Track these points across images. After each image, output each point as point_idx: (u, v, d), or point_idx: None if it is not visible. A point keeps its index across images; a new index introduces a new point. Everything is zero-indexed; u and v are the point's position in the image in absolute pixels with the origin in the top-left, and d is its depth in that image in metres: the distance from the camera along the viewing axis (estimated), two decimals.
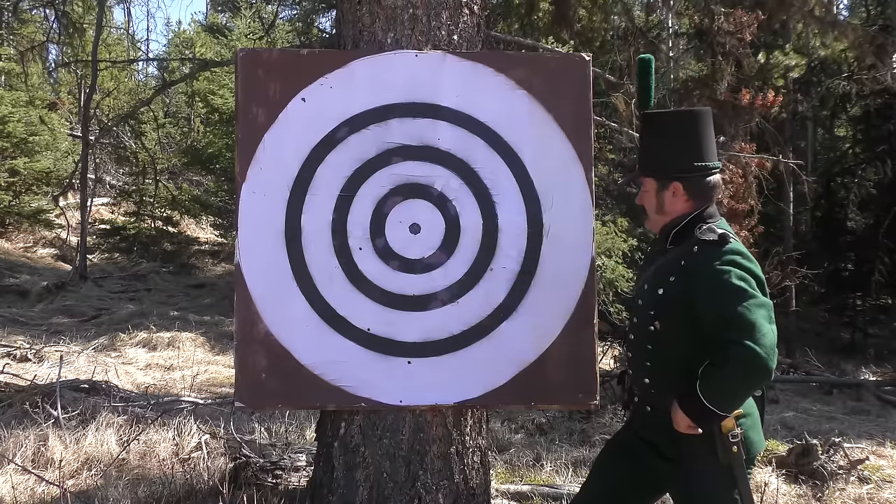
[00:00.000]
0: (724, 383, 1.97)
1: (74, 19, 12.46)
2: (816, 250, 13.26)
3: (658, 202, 2.18)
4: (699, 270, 2.04)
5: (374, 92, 2.76)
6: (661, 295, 2.12)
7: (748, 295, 1.96)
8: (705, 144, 2.15)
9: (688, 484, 2.13)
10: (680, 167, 2.14)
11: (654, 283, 2.16)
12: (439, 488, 2.83)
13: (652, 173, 2.19)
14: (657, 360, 2.15)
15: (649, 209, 2.22)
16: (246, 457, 3.66)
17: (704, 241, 2.07)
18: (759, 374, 1.92)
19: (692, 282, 2.05)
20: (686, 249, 2.11)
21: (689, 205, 2.15)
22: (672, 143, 2.15)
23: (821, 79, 12.87)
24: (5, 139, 12.86)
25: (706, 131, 2.16)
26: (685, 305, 2.06)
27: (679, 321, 2.09)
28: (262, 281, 2.72)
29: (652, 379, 2.17)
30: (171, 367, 6.91)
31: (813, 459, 4.19)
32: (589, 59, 2.88)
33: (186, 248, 14.60)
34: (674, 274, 2.10)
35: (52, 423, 4.28)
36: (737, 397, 1.99)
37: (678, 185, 2.14)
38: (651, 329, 2.14)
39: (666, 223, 2.19)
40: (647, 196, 2.21)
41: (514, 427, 5.35)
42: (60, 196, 11.83)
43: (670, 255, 2.16)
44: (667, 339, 2.12)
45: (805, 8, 8.40)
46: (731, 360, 1.93)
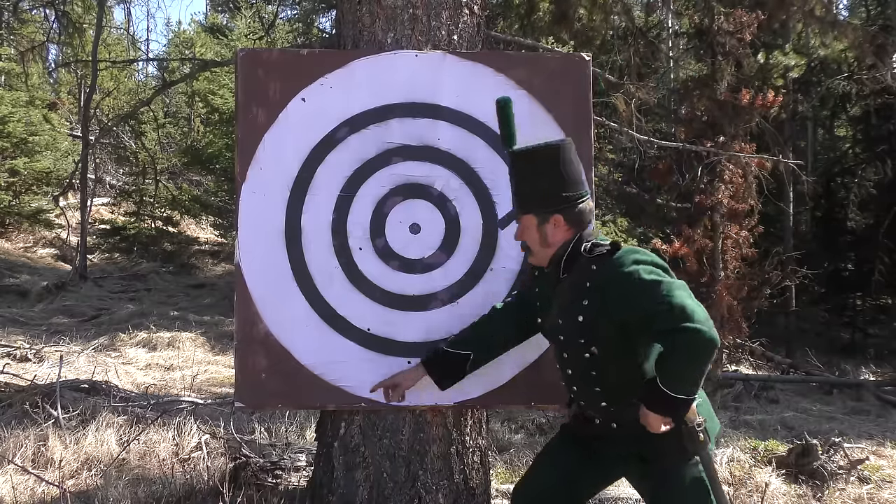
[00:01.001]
0: (682, 370, 2.01)
1: (74, 19, 12.47)
2: (816, 250, 13.26)
3: (541, 236, 2.22)
4: (608, 283, 2.09)
5: (374, 92, 2.76)
6: (582, 322, 2.15)
7: (663, 283, 2.02)
8: (575, 174, 2.21)
9: (662, 481, 2.17)
10: (556, 200, 2.19)
11: (569, 314, 2.18)
12: (439, 488, 2.83)
13: (531, 210, 2.22)
14: (606, 382, 2.18)
15: (532, 244, 2.25)
16: (246, 457, 3.66)
17: (599, 255, 2.13)
18: (708, 347, 1.97)
19: (606, 297, 2.10)
20: (584, 271, 2.16)
21: (570, 233, 2.21)
22: (544, 178, 2.20)
23: (821, 79, 12.88)
24: (5, 139, 12.85)
25: (573, 161, 2.22)
26: (610, 322, 2.10)
27: (612, 338, 2.13)
28: (262, 281, 2.72)
29: (608, 400, 2.20)
30: (171, 367, 6.91)
31: (813, 459, 4.19)
32: (589, 59, 2.88)
33: (186, 248, 14.60)
34: (585, 298, 2.14)
35: (52, 423, 4.28)
36: (697, 379, 2.04)
37: (558, 216, 2.19)
38: (588, 356, 2.17)
39: (552, 254, 2.23)
40: (528, 232, 2.25)
41: (514, 427, 5.35)
42: (60, 196, 11.82)
43: (570, 283, 2.19)
44: (607, 360, 2.16)
45: (805, 8, 8.40)
46: (679, 346, 1.98)
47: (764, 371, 9.62)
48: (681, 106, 10.27)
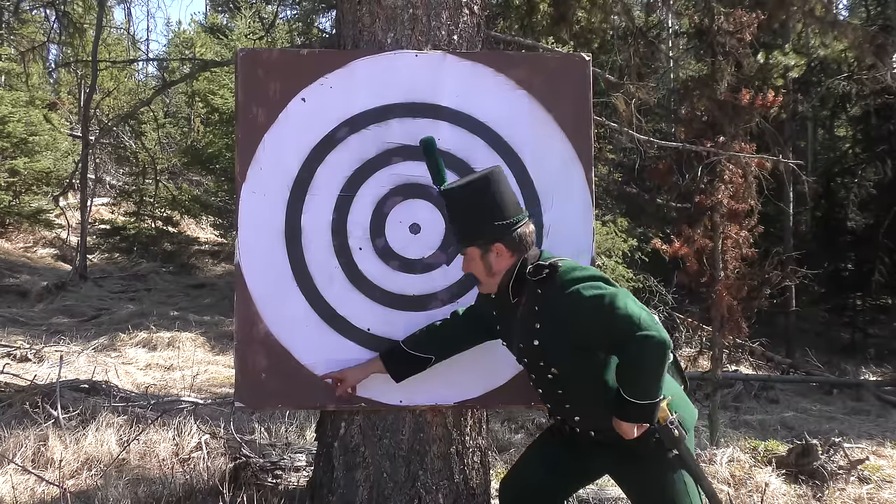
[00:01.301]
0: (640, 377, 2.08)
1: (74, 19, 12.47)
2: (816, 250, 13.26)
3: (485, 266, 2.26)
4: (553, 306, 2.15)
5: (374, 92, 2.76)
6: (538, 346, 2.20)
7: (605, 297, 2.08)
8: (506, 201, 2.24)
9: (644, 478, 2.23)
10: (494, 229, 2.22)
11: (526, 338, 2.23)
12: (439, 488, 2.83)
13: (472, 242, 2.25)
14: (574, 398, 2.25)
15: (479, 275, 2.29)
16: (246, 457, 3.66)
17: (541, 278, 2.17)
18: (660, 350, 2.03)
19: (554, 319, 2.15)
20: (531, 295, 2.20)
21: (513, 259, 2.25)
22: (479, 209, 2.22)
23: (821, 79, 12.88)
24: (5, 139, 12.85)
25: (504, 189, 2.26)
26: (563, 342, 2.16)
27: (569, 357, 2.19)
28: (262, 281, 2.72)
29: (580, 414, 2.26)
30: (171, 367, 6.91)
31: (813, 459, 4.19)
32: (589, 59, 2.88)
33: (186, 248, 14.60)
34: (537, 321, 2.19)
35: (52, 423, 4.28)
36: (656, 383, 2.09)
37: (499, 245, 2.23)
38: (550, 377, 2.23)
39: (499, 282, 2.27)
40: (473, 264, 2.28)
41: (514, 427, 5.35)
42: (60, 196, 11.82)
43: (522, 309, 2.24)
44: (569, 378, 2.22)
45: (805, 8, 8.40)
46: (633, 356, 2.06)
47: (764, 371, 9.62)
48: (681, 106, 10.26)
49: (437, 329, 2.58)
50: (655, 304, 9.72)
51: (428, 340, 2.56)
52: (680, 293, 9.77)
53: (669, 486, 2.18)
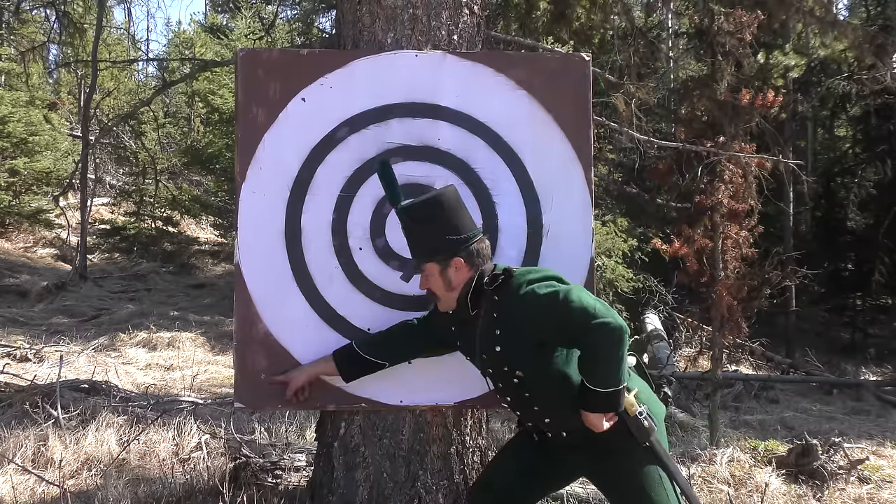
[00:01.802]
0: (600, 364, 2.12)
1: (75, 19, 12.46)
2: (816, 250, 13.25)
3: (444, 281, 2.29)
4: (510, 310, 2.19)
5: (374, 92, 2.76)
6: (500, 352, 2.24)
7: (559, 293, 2.13)
8: (461, 218, 2.30)
9: (617, 473, 2.26)
10: (451, 244, 2.26)
11: (488, 347, 2.27)
12: (439, 488, 2.84)
13: (431, 258, 2.29)
14: (541, 400, 2.27)
15: (438, 290, 2.32)
16: (246, 457, 3.66)
17: (497, 286, 2.22)
18: (617, 335, 2.07)
19: (513, 323, 2.19)
20: (489, 303, 2.24)
21: (470, 272, 2.29)
22: (435, 227, 2.26)
23: (821, 79, 12.87)
24: (5, 139, 12.85)
25: (458, 207, 2.31)
26: (525, 344, 2.19)
27: (532, 358, 2.22)
28: (262, 281, 2.72)
29: (549, 415, 2.29)
30: (171, 367, 6.91)
31: (813, 459, 4.19)
32: (589, 59, 2.88)
33: (186, 248, 14.60)
34: (497, 328, 2.23)
35: (52, 423, 4.28)
36: (617, 368, 2.12)
37: (458, 259, 2.27)
38: (516, 382, 2.26)
39: (458, 296, 2.31)
40: (432, 279, 2.31)
41: (514, 427, 5.34)
42: (60, 196, 11.82)
43: (481, 320, 2.28)
44: (534, 379, 2.24)
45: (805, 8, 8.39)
46: (592, 345, 2.11)
47: (764, 371, 9.62)
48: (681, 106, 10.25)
49: (395, 336, 2.59)
50: (655, 304, 9.72)
51: (385, 346, 2.58)
52: (680, 293, 9.77)
53: (643, 479, 2.20)
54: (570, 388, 2.21)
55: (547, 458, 2.37)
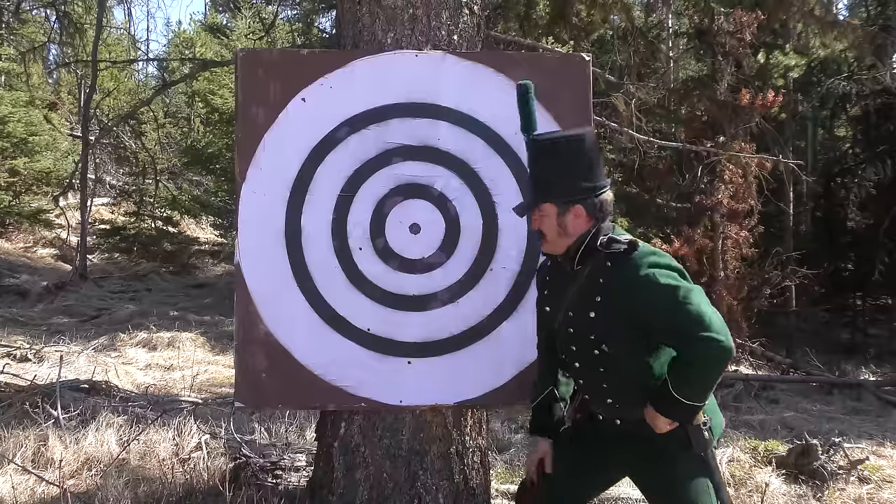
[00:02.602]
0: (695, 378, 2.01)
1: (74, 19, 12.47)
2: (816, 250, 13.25)
3: (560, 226, 2.17)
4: (622, 284, 2.06)
5: (374, 92, 2.76)
6: (593, 318, 2.12)
7: (681, 289, 2.00)
8: (596, 164, 2.18)
9: (665, 479, 2.16)
10: (578, 189, 2.15)
11: (581, 307, 2.16)
12: (439, 488, 2.83)
13: (551, 198, 2.17)
14: (614, 380, 2.16)
15: (550, 233, 2.20)
16: (246, 457, 3.66)
17: (615, 253, 2.09)
18: (724, 357, 1.97)
19: (620, 297, 2.07)
20: (598, 266, 2.12)
21: (588, 223, 2.16)
22: (567, 166, 2.15)
23: (821, 79, 12.87)
24: (5, 139, 12.86)
25: (595, 151, 2.20)
26: (623, 322, 2.08)
27: (623, 338, 2.11)
28: (262, 281, 2.72)
29: (614, 397, 2.19)
30: (171, 367, 6.91)
31: (813, 459, 4.18)
32: (589, 60, 2.88)
33: (186, 248, 14.61)
34: (598, 294, 2.11)
35: (52, 423, 4.28)
36: (710, 387, 2.03)
37: (579, 207, 2.15)
38: (597, 353, 2.15)
39: (569, 245, 2.18)
40: (546, 221, 2.19)
41: (514, 427, 5.35)
42: (60, 196, 11.83)
43: (584, 277, 2.16)
44: (617, 358, 2.13)
45: (805, 8, 8.40)
46: (696, 356, 1.97)
47: (764, 371, 9.61)
48: (681, 106, 10.26)
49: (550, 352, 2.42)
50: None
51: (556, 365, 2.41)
52: None
53: (693, 488, 2.10)
54: (649, 379, 2.09)
55: (593, 455, 2.27)
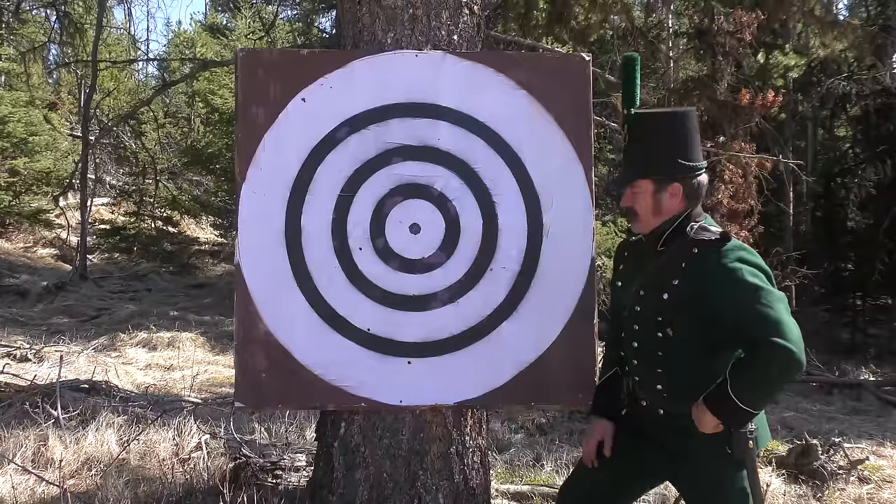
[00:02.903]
0: (759, 383, 1.93)
1: (75, 19, 12.47)
2: (816, 250, 13.24)
3: (655, 204, 2.12)
4: (707, 273, 2.01)
5: (374, 92, 2.76)
6: (666, 300, 2.07)
7: (764, 290, 1.93)
8: (696, 143, 2.14)
9: (700, 480, 2.11)
10: (677, 167, 2.10)
11: (655, 287, 2.11)
12: (439, 488, 2.83)
13: (650, 174, 2.13)
14: (670, 367, 2.11)
15: (643, 211, 2.14)
16: (246, 457, 3.66)
17: (704, 240, 2.05)
18: (793, 369, 1.89)
19: (701, 284, 2.01)
20: (683, 251, 2.07)
21: (682, 205, 2.12)
22: (667, 143, 2.11)
23: (821, 79, 12.87)
24: (5, 139, 12.86)
25: (696, 131, 2.16)
26: (697, 310, 2.02)
27: (692, 325, 2.05)
28: (262, 281, 2.71)
29: (665, 385, 2.13)
30: (171, 367, 6.91)
31: (813, 459, 4.19)
32: (589, 59, 2.88)
33: (186, 248, 14.62)
34: (676, 277, 2.05)
35: (52, 423, 4.28)
36: (771, 395, 1.98)
37: (678, 185, 2.10)
38: (660, 336, 2.10)
39: (659, 225, 2.14)
40: (640, 197, 2.14)
41: (514, 427, 5.35)
42: (60, 196, 11.83)
43: (666, 259, 2.11)
44: (679, 345, 2.08)
45: (805, 8, 8.40)
46: (764, 359, 1.90)
47: None
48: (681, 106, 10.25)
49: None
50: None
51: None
52: None
53: (728, 498, 2.05)
54: (705, 375, 2.01)
55: (629, 455, 2.22)
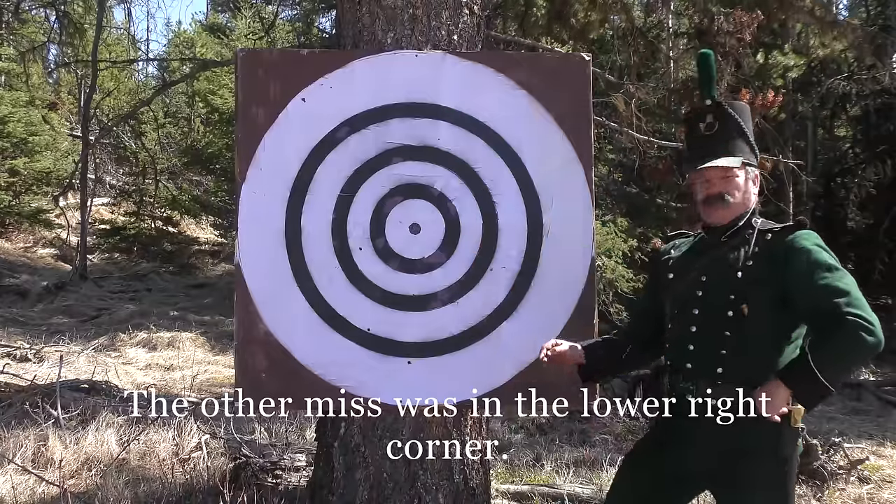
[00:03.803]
0: (840, 354, 1.91)
1: (74, 19, 12.47)
2: None
3: (745, 191, 2.14)
4: (783, 253, 2.02)
5: (374, 92, 2.76)
6: (740, 278, 2.06)
7: (839, 271, 1.96)
8: None
9: (737, 480, 2.05)
10: (756, 156, 2.18)
11: (723, 271, 2.10)
12: (439, 488, 2.83)
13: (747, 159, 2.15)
14: (736, 346, 2.06)
15: (737, 197, 2.13)
16: (246, 457, 3.66)
17: (780, 226, 2.08)
18: (873, 344, 1.87)
19: (776, 265, 2.02)
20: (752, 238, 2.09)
21: (754, 197, 2.17)
22: (749, 133, 2.17)
23: (821, 79, 12.86)
24: (5, 139, 12.87)
25: None
26: (770, 290, 2.02)
27: (765, 305, 2.03)
28: (262, 281, 2.71)
29: (726, 367, 2.07)
30: (171, 367, 6.91)
31: (813, 459, 4.19)
32: (589, 59, 2.88)
33: (186, 248, 14.63)
34: (750, 259, 2.06)
35: (52, 423, 4.28)
36: (850, 369, 1.97)
37: (757, 173, 2.17)
38: (731, 315, 2.06)
39: (737, 214, 2.14)
40: (735, 182, 2.13)
41: (514, 427, 5.35)
42: (60, 196, 11.83)
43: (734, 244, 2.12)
44: (750, 325, 2.04)
45: (805, 8, 8.39)
46: (847, 330, 1.88)
47: None
48: (681, 106, 10.25)
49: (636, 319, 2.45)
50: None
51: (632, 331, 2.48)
52: None
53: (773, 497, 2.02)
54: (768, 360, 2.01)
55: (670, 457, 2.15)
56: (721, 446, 2.05)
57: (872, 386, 8.80)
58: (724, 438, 2.04)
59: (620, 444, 5.05)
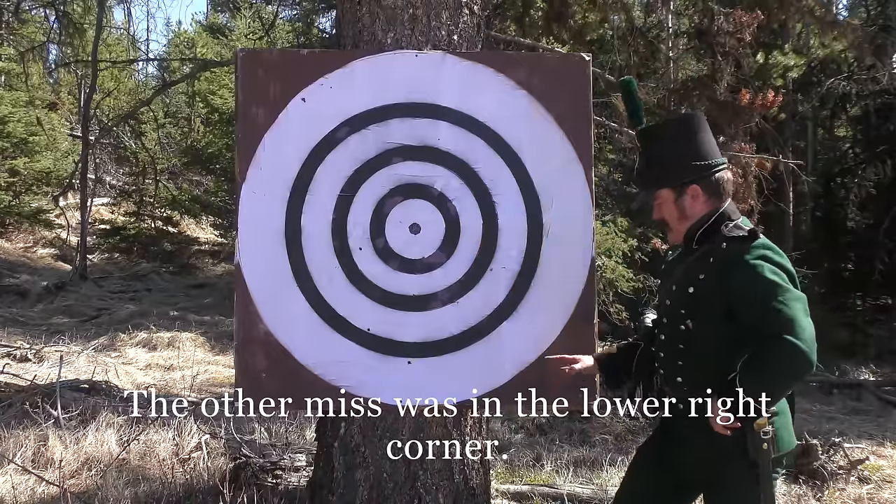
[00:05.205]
0: (767, 378, 1.94)
1: (74, 19, 12.46)
2: (816, 250, 13.24)
3: (679, 210, 2.19)
4: (730, 266, 2.04)
5: (374, 92, 2.76)
6: (691, 294, 2.11)
7: (781, 289, 1.95)
8: (707, 143, 2.19)
9: (715, 481, 2.12)
10: (691, 170, 2.16)
11: (684, 282, 2.15)
12: (439, 488, 2.84)
13: (666, 184, 2.19)
14: (689, 360, 2.14)
15: (671, 219, 2.21)
16: (246, 457, 3.66)
17: (734, 237, 2.08)
18: (802, 368, 1.90)
19: (723, 278, 2.04)
20: (714, 247, 2.11)
21: (708, 204, 2.16)
22: (676, 150, 2.17)
23: (821, 79, 12.86)
24: (5, 139, 12.87)
25: (705, 131, 2.20)
26: (717, 302, 2.06)
27: (712, 319, 2.08)
28: (262, 281, 2.72)
29: (685, 378, 2.15)
30: (171, 367, 6.91)
31: (813, 459, 4.19)
32: (589, 59, 2.88)
33: (186, 248, 14.63)
34: (703, 272, 2.10)
35: (52, 423, 4.28)
36: (778, 393, 1.98)
37: (696, 187, 2.16)
38: (682, 328, 2.14)
39: (689, 227, 2.19)
40: (665, 207, 2.21)
41: (514, 427, 5.35)
42: (60, 196, 11.83)
43: (697, 254, 2.16)
44: (699, 338, 2.11)
45: (805, 8, 8.39)
46: (773, 355, 1.92)
47: None
48: (681, 106, 10.24)
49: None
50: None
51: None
52: None
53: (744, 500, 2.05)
54: (723, 370, 2.02)
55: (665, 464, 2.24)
56: (701, 451, 2.12)
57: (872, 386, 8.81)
58: (701, 442, 2.11)
59: (620, 444, 5.06)
